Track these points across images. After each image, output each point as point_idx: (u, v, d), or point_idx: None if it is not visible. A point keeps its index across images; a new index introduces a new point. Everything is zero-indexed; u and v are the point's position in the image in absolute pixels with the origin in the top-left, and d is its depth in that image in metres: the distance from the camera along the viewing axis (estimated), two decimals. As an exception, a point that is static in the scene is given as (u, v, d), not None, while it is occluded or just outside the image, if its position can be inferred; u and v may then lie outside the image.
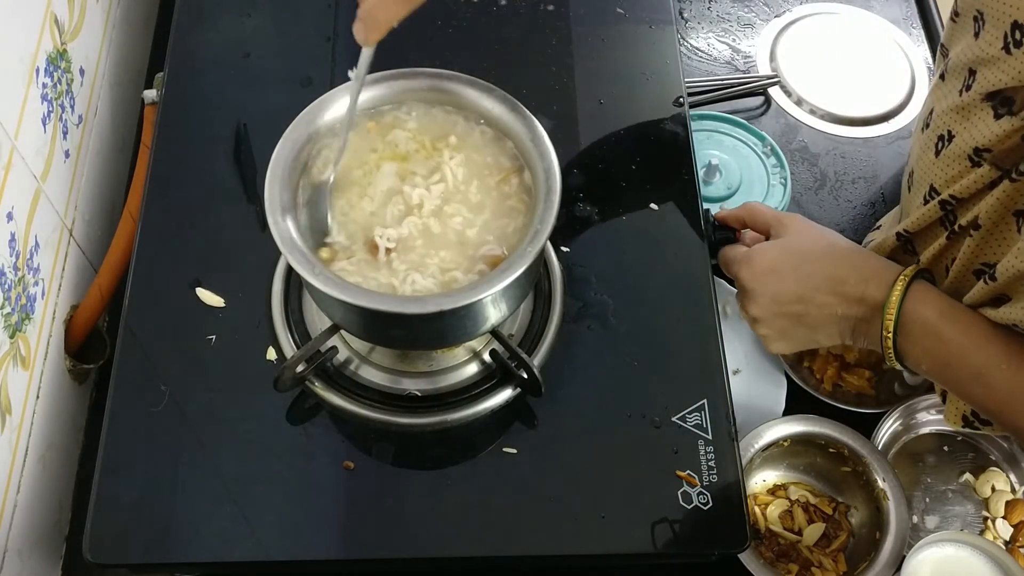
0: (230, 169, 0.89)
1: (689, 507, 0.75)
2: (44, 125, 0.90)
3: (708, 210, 0.90)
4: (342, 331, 0.77)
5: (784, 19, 1.25)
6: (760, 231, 0.86)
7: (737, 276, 0.82)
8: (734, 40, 1.24)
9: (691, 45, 1.23)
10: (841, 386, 1.00)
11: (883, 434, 0.95)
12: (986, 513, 0.96)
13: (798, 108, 1.18)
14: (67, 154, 0.95)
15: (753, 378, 1.00)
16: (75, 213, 0.97)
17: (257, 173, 0.88)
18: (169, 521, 0.73)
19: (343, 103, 0.73)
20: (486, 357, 0.80)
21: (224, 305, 0.82)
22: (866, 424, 0.95)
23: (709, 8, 1.27)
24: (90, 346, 0.98)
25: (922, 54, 1.23)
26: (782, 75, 1.20)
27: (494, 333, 0.75)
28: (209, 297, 0.82)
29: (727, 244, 0.90)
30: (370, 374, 0.80)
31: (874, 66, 1.22)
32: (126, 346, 0.80)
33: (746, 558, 0.86)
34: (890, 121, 1.18)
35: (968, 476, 0.97)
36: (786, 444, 0.93)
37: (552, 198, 0.68)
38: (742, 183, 1.08)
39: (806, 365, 1.01)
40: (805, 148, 1.16)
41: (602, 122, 0.93)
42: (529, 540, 0.74)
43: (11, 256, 0.82)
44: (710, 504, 0.75)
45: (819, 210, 1.13)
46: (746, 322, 0.83)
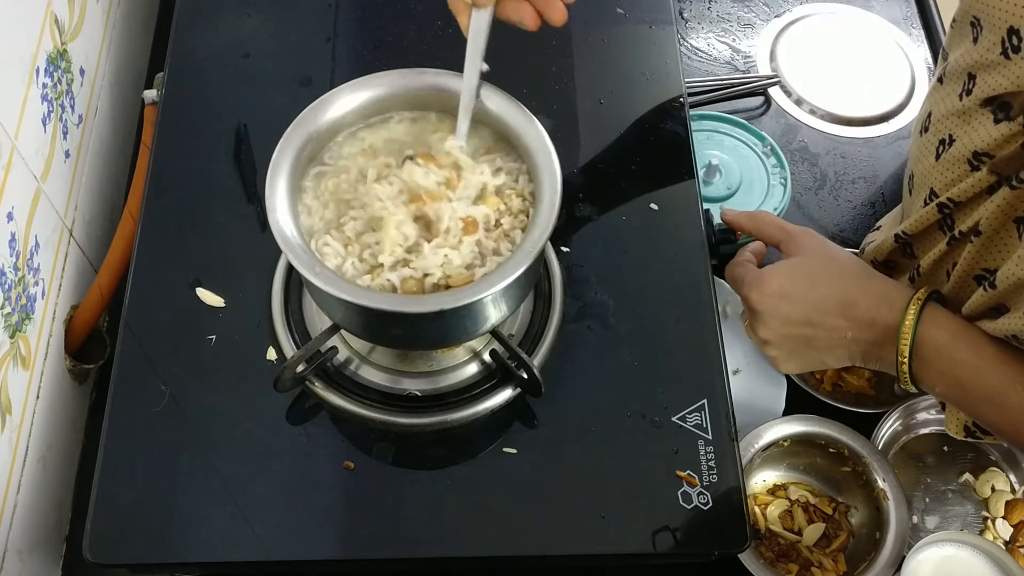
0: (230, 169, 0.89)
1: (689, 507, 0.75)
2: (44, 125, 0.90)
3: (708, 210, 0.89)
4: (342, 331, 0.77)
5: (784, 19, 1.25)
6: (769, 243, 0.85)
7: (747, 298, 0.80)
8: (734, 40, 1.24)
9: (691, 45, 1.23)
10: (841, 386, 1.00)
11: (883, 434, 0.95)
12: (986, 513, 0.96)
13: (798, 108, 1.18)
14: (67, 154, 0.95)
15: (753, 378, 1.00)
16: (75, 213, 0.97)
17: (257, 173, 0.88)
18: (169, 521, 0.73)
19: (343, 103, 0.73)
20: (486, 357, 0.80)
21: (224, 305, 0.82)
22: (866, 424, 0.95)
23: (709, 8, 1.27)
24: (90, 346, 0.98)
25: (922, 54, 1.23)
26: (782, 75, 1.20)
27: (494, 333, 0.75)
28: (209, 297, 0.82)
29: (725, 244, 0.90)
30: (370, 374, 0.80)
31: (874, 66, 1.22)
32: (126, 346, 0.80)
33: (746, 558, 0.86)
34: (890, 121, 1.18)
35: (968, 476, 0.97)
36: (786, 444, 0.93)
37: (553, 198, 0.68)
38: (742, 183, 1.08)
39: (806, 365, 1.01)
40: (805, 148, 1.16)
41: (602, 122, 0.93)
42: (529, 540, 0.74)
43: (11, 256, 0.82)
44: (710, 504, 0.75)
45: (819, 210, 1.13)
46: (754, 343, 0.83)
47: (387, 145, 0.74)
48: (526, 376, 0.76)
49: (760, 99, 1.19)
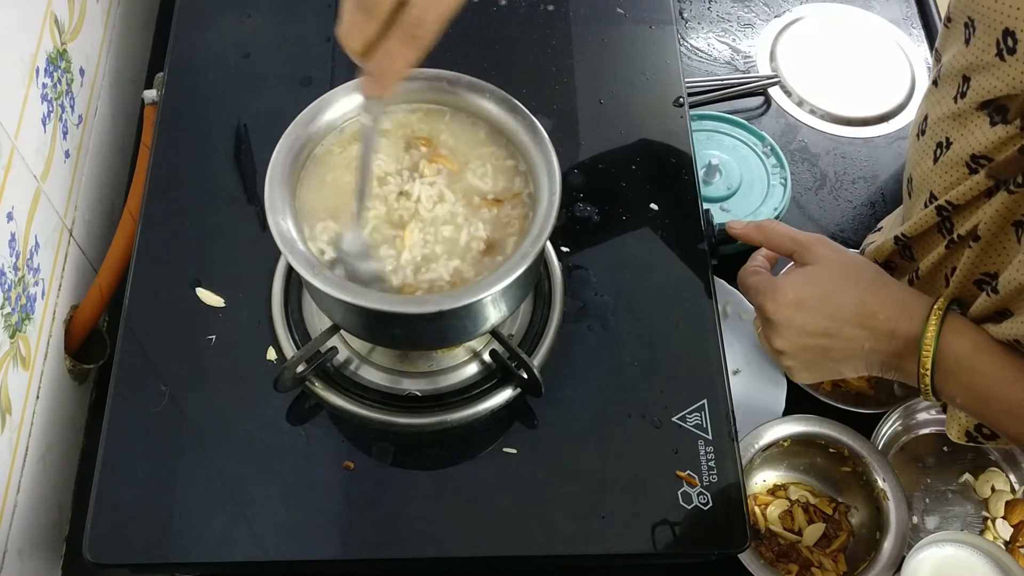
0: (230, 169, 0.89)
1: (689, 507, 0.75)
2: (44, 125, 0.90)
3: (708, 210, 0.90)
4: (342, 331, 0.77)
5: (784, 19, 1.25)
6: (780, 254, 0.83)
7: (761, 307, 0.79)
8: (734, 40, 1.24)
9: (691, 45, 1.23)
10: (841, 386, 1.00)
11: (883, 434, 0.95)
12: (986, 513, 0.96)
13: (798, 108, 1.18)
14: (67, 154, 0.95)
15: (753, 378, 1.00)
16: (75, 213, 0.97)
17: (257, 173, 0.88)
18: (169, 521, 0.73)
19: (343, 103, 0.73)
20: (486, 357, 0.80)
21: (224, 305, 0.82)
22: (866, 424, 0.95)
23: (709, 8, 1.27)
24: (90, 346, 0.98)
25: (922, 54, 1.23)
26: (782, 75, 1.20)
27: (494, 333, 0.75)
28: (209, 297, 0.82)
29: (725, 244, 0.89)
30: (370, 374, 0.80)
31: (874, 66, 1.22)
32: (126, 346, 0.80)
33: (746, 558, 0.86)
34: (890, 121, 1.18)
35: (968, 476, 0.97)
36: (786, 444, 0.93)
37: (553, 199, 0.68)
38: (742, 183, 1.08)
39: (806, 365, 1.01)
40: (805, 148, 1.16)
41: (602, 122, 0.93)
42: (529, 540, 0.74)
43: (11, 256, 0.82)
44: (710, 504, 0.75)
45: (819, 210, 1.13)
46: (768, 354, 0.82)
47: (391, 144, 0.74)
48: (526, 376, 0.76)
49: (760, 99, 1.19)
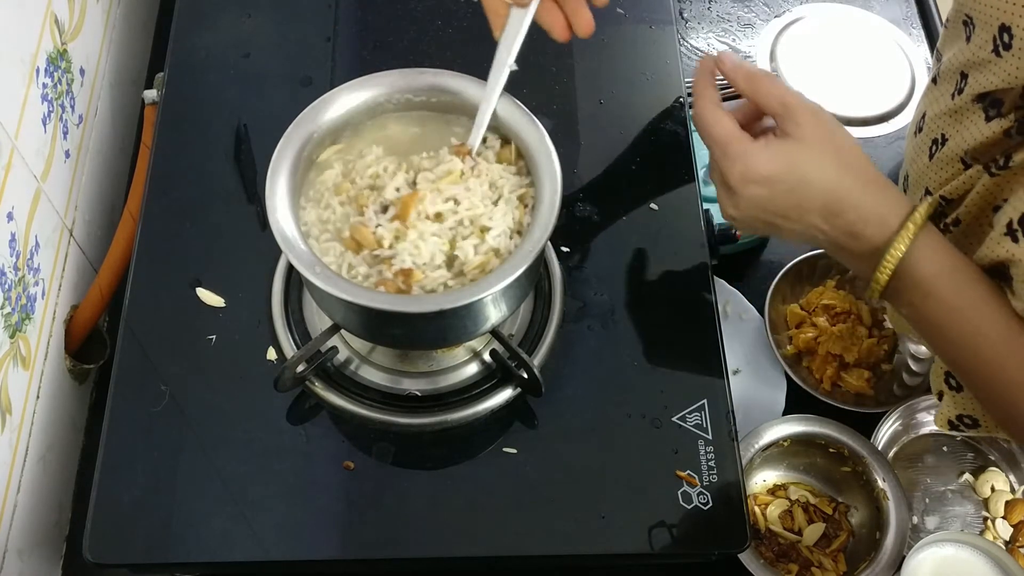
0: (230, 169, 0.89)
1: (689, 507, 0.75)
2: (44, 125, 0.90)
3: (708, 210, 0.89)
4: (342, 331, 0.77)
5: (784, 19, 1.25)
6: (765, 112, 0.72)
7: (725, 172, 0.70)
8: (734, 40, 1.24)
9: (691, 45, 1.23)
10: (840, 386, 1.00)
11: (883, 434, 0.95)
12: (986, 513, 0.96)
13: (798, 108, 1.18)
14: (67, 154, 0.95)
15: (753, 378, 1.00)
16: (75, 213, 0.97)
17: (257, 173, 0.88)
18: (169, 521, 0.73)
19: (343, 103, 0.73)
20: (486, 357, 0.80)
21: (224, 305, 0.82)
22: (866, 424, 0.95)
23: (709, 8, 1.27)
24: (90, 346, 0.98)
25: (922, 54, 1.23)
26: (782, 75, 1.20)
27: (494, 333, 0.75)
28: (209, 297, 0.82)
29: (725, 244, 0.89)
30: (370, 374, 0.80)
31: (874, 66, 1.22)
32: (126, 346, 0.80)
33: (746, 558, 0.86)
34: (890, 121, 1.18)
35: (968, 476, 0.97)
36: (786, 444, 0.93)
37: (553, 199, 0.68)
38: (742, 183, 1.08)
39: (805, 365, 1.01)
40: (805, 148, 1.16)
41: (602, 122, 0.93)
42: (529, 540, 0.74)
43: (11, 256, 0.82)
44: (710, 504, 0.75)
45: (819, 210, 1.13)
46: (715, 191, 0.73)
47: (391, 144, 0.74)
48: (526, 376, 0.76)
49: (760, 99, 1.19)
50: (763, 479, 0.95)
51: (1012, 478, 0.97)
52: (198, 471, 0.75)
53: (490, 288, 0.65)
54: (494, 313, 0.71)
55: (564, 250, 0.86)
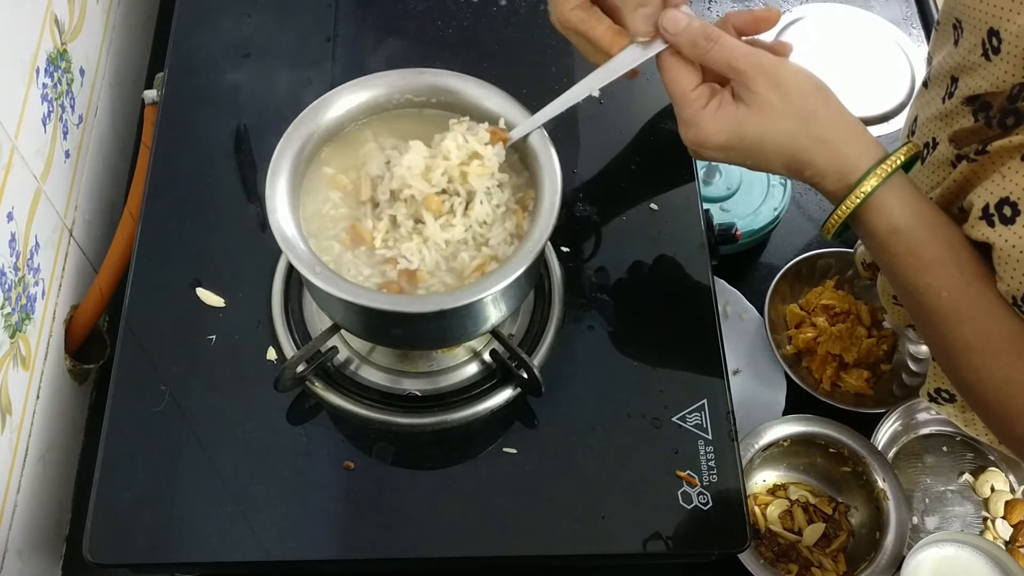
0: (230, 169, 0.89)
1: (689, 507, 0.75)
2: (44, 125, 0.90)
3: (708, 210, 0.90)
4: (342, 331, 0.77)
5: (784, 19, 1.25)
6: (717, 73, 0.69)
7: (683, 135, 0.70)
8: (734, 40, 1.24)
9: (691, 45, 1.23)
10: (840, 386, 1.00)
11: (883, 434, 0.95)
12: (986, 513, 0.96)
13: (798, 108, 1.18)
14: (67, 154, 0.95)
15: (753, 378, 1.00)
16: (75, 213, 0.97)
17: (257, 173, 0.88)
18: (169, 521, 0.73)
19: (343, 103, 0.73)
20: (486, 357, 0.80)
21: (224, 305, 0.82)
22: (866, 424, 0.95)
23: (709, 8, 1.27)
24: (90, 346, 0.98)
25: (922, 54, 1.23)
26: (782, 75, 1.19)
27: (494, 333, 0.75)
28: (209, 297, 0.82)
29: (725, 244, 0.89)
30: (370, 374, 0.80)
31: (874, 66, 1.22)
32: (126, 346, 0.80)
33: (746, 558, 0.86)
34: (890, 121, 1.18)
35: (968, 476, 0.97)
36: (786, 444, 0.93)
37: (553, 198, 0.68)
38: (742, 183, 1.08)
39: (805, 365, 1.01)
40: (805, 148, 1.16)
41: (602, 122, 0.93)
42: (529, 540, 0.74)
43: (11, 256, 0.82)
44: (710, 504, 0.75)
45: (819, 210, 1.13)
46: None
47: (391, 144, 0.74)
48: (526, 376, 0.76)
49: (760, 99, 1.18)
50: (763, 479, 0.95)
51: (1012, 478, 0.97)
52: (198, 471, 0.75)
53: (490, 288, 0.65)
54: (494, 313, 0.71)
55: (564, 250, 0.86)
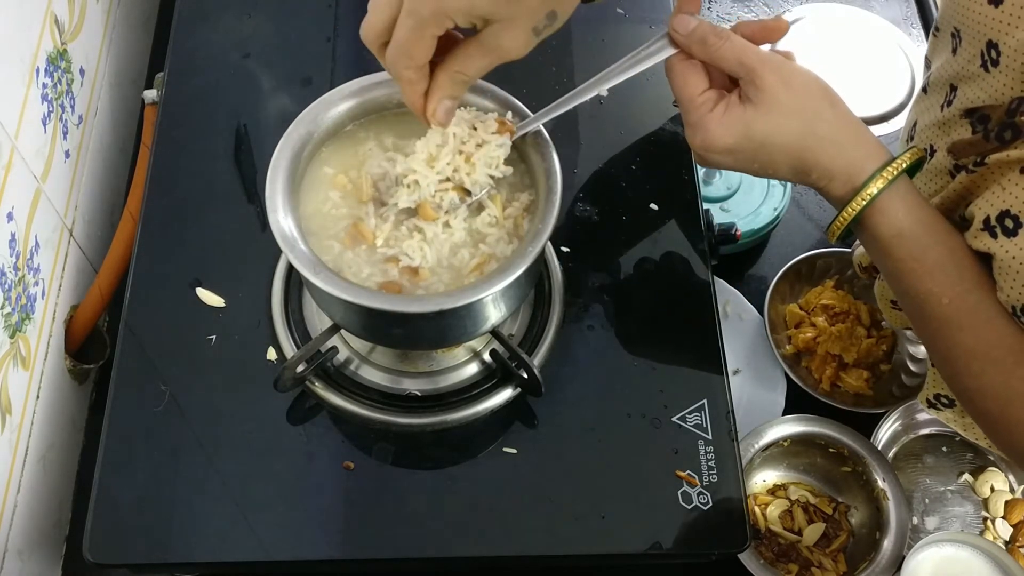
0: (230, 169, 0.89)
1: (689, 507, 0.75)
2: (44, 125, 0.90)
3: (708, 210, 0.90)
4: (342, 331, 0.77)
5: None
6: (726, 72, 0.69)
7: (689, 139, 0.70)
8: (734, 40, 1.24)
9: (691, 45, 1.23)
10: (839, 386, 1.00)
11: (883, 435, 0.95)
12: (985, 513, 0.96)
13: (798, 108, 1.18)
14: (67, 154, 0.95)
15: (753, 378, 1.00)
16: (75, 213, 0.97)
17: (257, 173, 0.88)
18: (169, 521, 0.73)
19: (343, 103, 0.73)
20: (486, 357, 0.80)
21: (224, 305, 0.82)
22: (866, 424, 0.95)
23: (709, 8, 1.27)
24: (90, 346, 0.98)
25: (922, 54, 1.23)
26: (782, 75, 1.19)
27: (494, 333, 0.75)
28: (209, 297, 0.82)
29: (725, 244, 0.89)
30: (370, 374, 0.80)
31: (874, 66, 1.22)
32: (126, 346, 0.80)
33: (746, 558, 0.86)
34: (890, 121, 1.18)
35: (967, 476, 0.97)
36: (786, 444, 0.93)
37: (553, 198, 0.68)
38: (742, 183, 1.08)
39: (804, 365, 1.01)
40: (805, 148, 1.16)
41: (602, 122, 0.93)
42: (529, 540, 0.74)
43: (11, 256, 0.82)
44: (710, 504, 0.75)
45: (819, 211, 1.13)
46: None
47: (391, 143, 0.74)
48: (526, 376, 0.76)
49: (760, 99, 1.18)
50: (763, 479, 0.95)
51: (1011, 478, 0.97)
52: (198, 471, 0.75)
53: (490, 288, 0.65)
54: (494, 313, 0.71)
55: (564, 250, 0.86)
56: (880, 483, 0.90)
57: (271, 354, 0.80)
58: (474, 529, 0.75)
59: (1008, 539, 0.94)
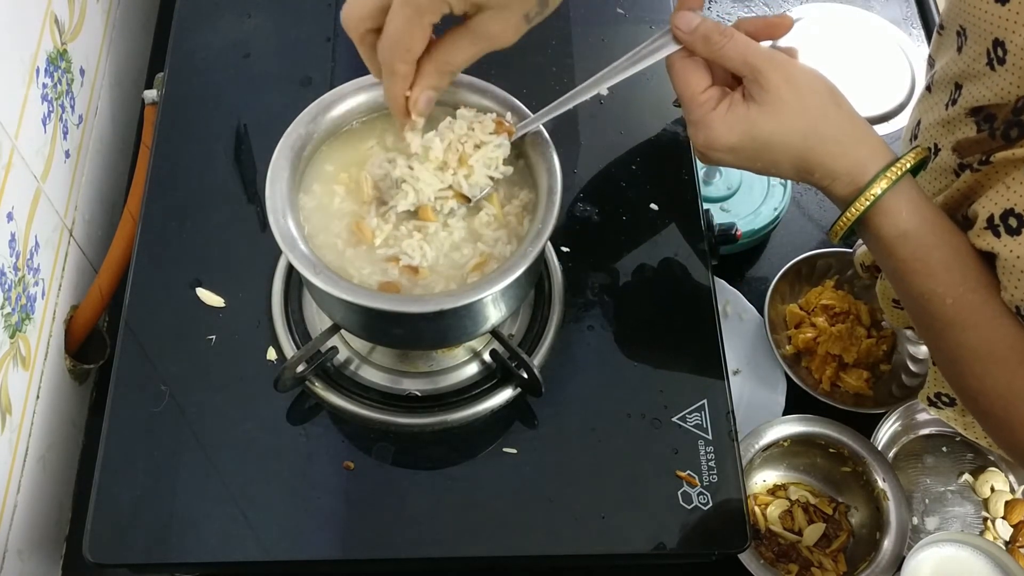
0: (230, 169, 0.89)
1: (689, 507, 0.75)
2: (44, 125, 0.90)
3: (708, 210, 0.90)
4: (342, 331, 0.77)
5: (784, 19, 1.25)
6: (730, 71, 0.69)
7: (692, 137, 0.69)
8: (734, 40, 1.24)
9: (691, 45, 1.23)
10: (839, 387, 1.00)
11: (883, 435, 0.95)
12: (986, 513, 0.96)
13: (798, 108, 1.18)
14: (67, 154, 0.95)
15: (753, 378, 1.00)
16: (75, 213, 0.97)
17: (257, 173, 0.88)
18: (169, 521, 0.73)
19: (343, 103, 0.73)
20: (486, 357, 0.80)
21: (224, 305, 0.82)
22: (866, 424, 0.95)
23: (709, 8, 1.27)
24: (90, 346, 0.98)
25: (922, 54, 1.23)
26: (782, 75, 1.19)
27: (494, 333, 0.75)
28: (209, 297, 0.82)
29: (725, 244, 0.89)
30: (370, 374, 0.80)
31: (874, 66, 1.22)
32: (126, 346, 0.80)
33: (746, 558, 0.86)
34: (890, 121, 1.18)
35: (967, 477, 0.97)
36: (786, 444, 0.93)
37: (553, 198, 0.68)
38: (742, 183, 1.08)
39: (804, 365, 1.01)
40: (805, 148, 1.16)
41: (602, 122, 0.93)
42: (529, 540, 0.74)
43: (11, 256, 0.82)
44: (710, 504, 0.75)
45: (819, 211, 1.13)
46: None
47: (391, 143, 0.74)
48: (526, 376, 0.76)
49: (760, 99, 1.18)
50: (763, 479, 0.95)
51: (1012, 478, 0.97)
52: (198, 471, 0.75)
53: (490, 288, 0.65)
54: (494, 313, 0.71)
55: (564, 250, 0.86)
56: (880, 483, 0.90)
57: (271, 354, 0.80)
58: (474, 529, 0.75)
59: (1008, 539, 0.94)
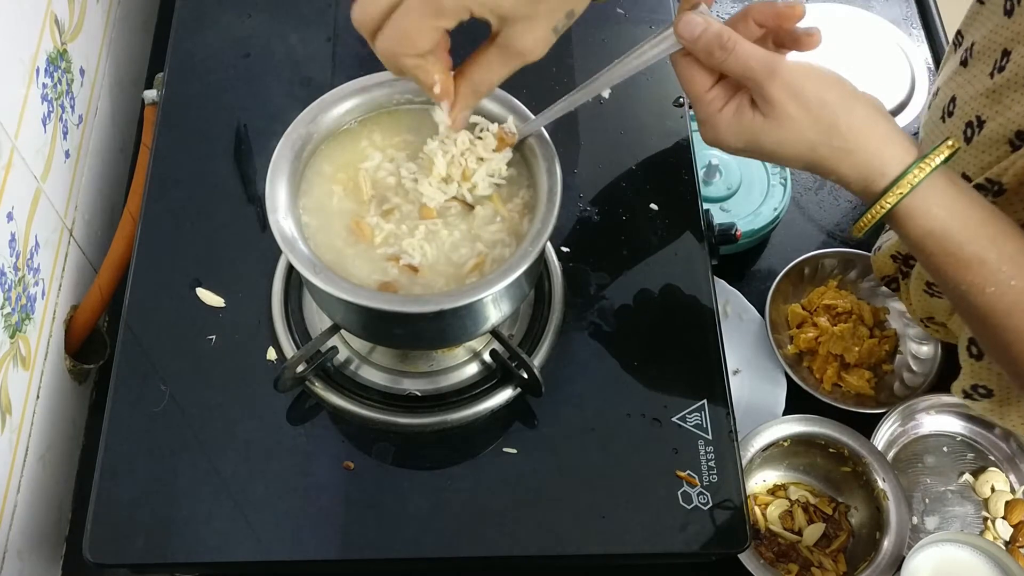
0: (230, 169, 0.89)
1: (689, 507, 0.75)
2: (44, 125, 0.90)
3: (708, 210, 0.90)
4: (342, 331, 0.77)
5: (784, 19, 1.25)
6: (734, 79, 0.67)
7: (699, 129, 0.69)
8: (734, 40, 1.24)
9: (691, 45, 1.23)
10: (840, 386, 1.00)
11: (883, 435, 0.95)
12: (986, 513, 0.96)
13: (798, 108, 1.18)
14: (67, 154, 0.95)
15: (753, 378, 1.00)
16: (75, 213, 0.97)
17: (257, 173, 0.88)
18: (169, 521, 0.73)
19: (343, 103, 0.73)
20: (486, 357, 0.80)
21: (224, 305, 0.82)
22: (866, 424, 0.95)
23: (709, 8, 1.27)
24: (90, 346, 0.98)
25: (922, 54, 1.23)
26: (782, 75, 1.19)
27: (494, 333, 0.75)
28: (209, 297, 0.82)
29: (725, 244, 0.89)
30: (370, 374, 0.80)
31: (874, 66, 1.22)
32: (126, 346, 0.80)
33: (746, 558, 0.86)
34: (890, 121, 1.18)
35: (968, 477, 0.97)
36: (786, 444, 0.93)
37: (553, 199, 0.68)
38: (742, 183, 1.08)
39: (806, 365, 1.01)
40: (805, 148, 1.15)
41: (602, 122, 0.93)
42: (529, 540, 0.74)
43: (11, 256, 0.82)
44: (710, 504, 0.75)
45: (819, 210, 1.13)
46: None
47: (391, 143, 0.74)
48: (526, 376, 0.76)
49: (760, 99, 1.18)
50: (763, 479, 0.95)
51: (1012, 478, 0.97)
52: (198, 471, 0.75)
53: (490, 288, 0.65)
54: (494, 313, 0.71)
55: (564, 250, 0.86)
56: (880, 483, 0.90)
57: (271, 354, 0.80)
58: (474, 529, 0.75)
59: (1008, 539, 0.94)
